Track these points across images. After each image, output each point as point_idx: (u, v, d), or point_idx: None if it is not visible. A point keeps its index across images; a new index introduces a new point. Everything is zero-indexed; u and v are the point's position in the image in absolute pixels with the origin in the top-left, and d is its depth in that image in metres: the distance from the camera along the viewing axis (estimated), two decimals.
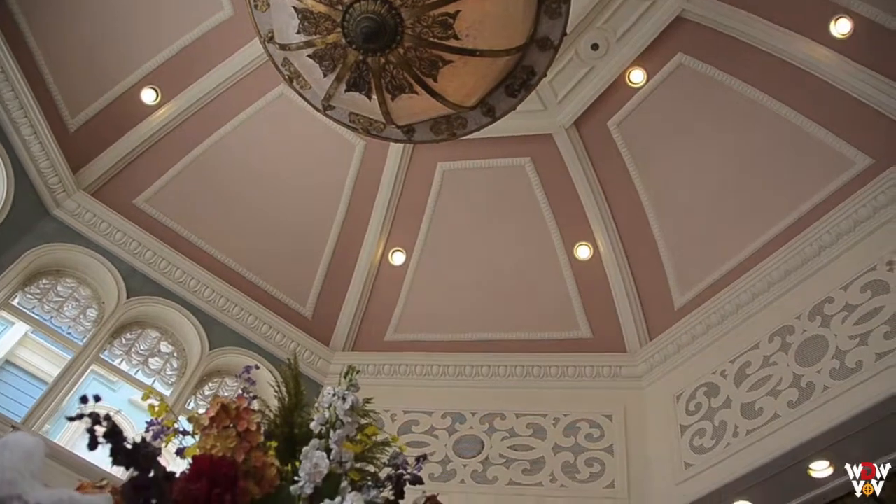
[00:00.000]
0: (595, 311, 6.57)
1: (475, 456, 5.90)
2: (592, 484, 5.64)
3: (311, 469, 1.38)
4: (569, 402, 6.12)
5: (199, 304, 6.34)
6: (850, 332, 4.98)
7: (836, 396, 4.81)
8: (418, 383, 6.47)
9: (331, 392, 1.49)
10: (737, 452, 5.15)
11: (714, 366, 5.73)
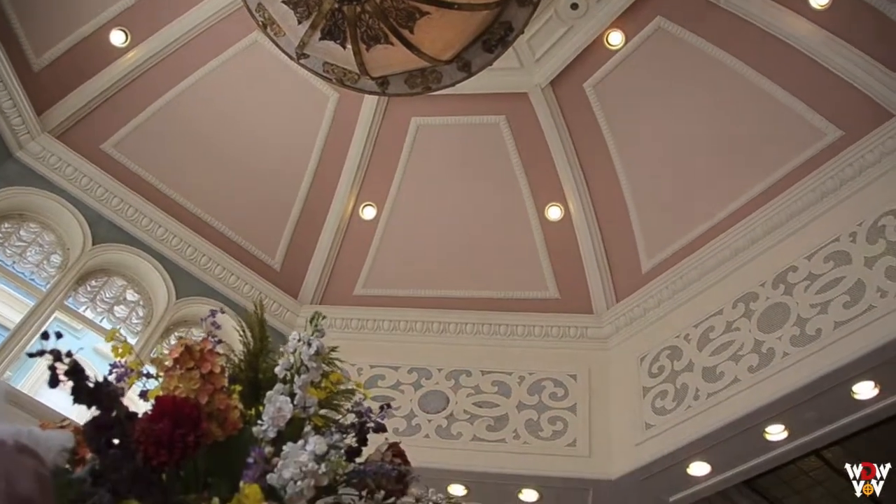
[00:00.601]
0: (563, 273, 6.61)
1: (440, 411, 5.95)
2: (555, 442, 5.72)
3: (275, 413, 1.38)
4: (534, 361, 6.18)
5: (166, 253, 6.25)
6: (812, 301, 5.07)
7: (795, 363, 4.92)
8: (385, 338, 6.48)
9: (296, 337, 1.48)
10: (696, 415, 5.26)
11: (678, 329, 5.82)
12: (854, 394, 4.89)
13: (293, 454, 1.24)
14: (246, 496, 1.16)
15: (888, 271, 4.75)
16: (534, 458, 5.66)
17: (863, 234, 5.06)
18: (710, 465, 5.45)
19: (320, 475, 1.22)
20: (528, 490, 5.81)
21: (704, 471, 5.49)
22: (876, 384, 4.82)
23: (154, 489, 1.25)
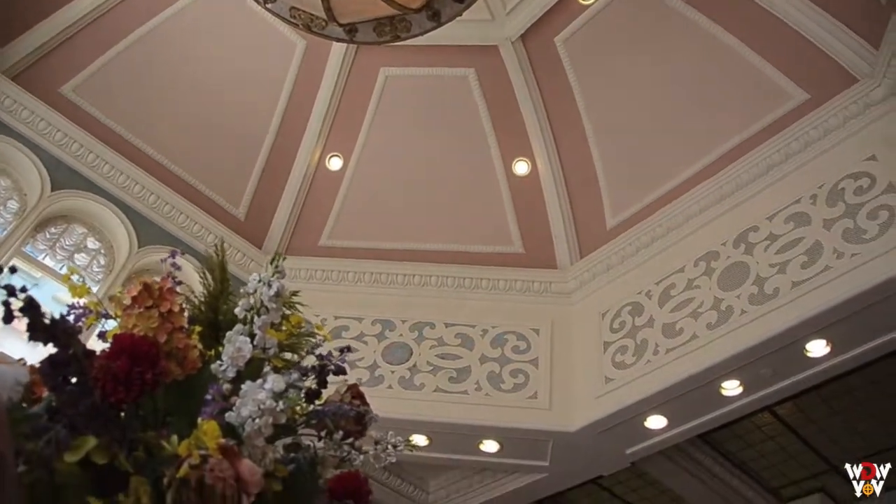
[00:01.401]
0: (529, 227, 6.64)
1: (403, 363, 5.99)
2: (516, 394, 5.80)
3: (234, 353, 1.37)
4: (498, 315, 6.23)
5: (128, 201, 6.13)
6: (771, 261, 5.16)
7: (752, 320, 5.03)
8: (350, 290, 6.48)
9: (256, 278, 1.47)
10: (655, 369, 5.37)
11: (640, 286, 5.90)
12: (807, 351, 5.02)
13: (251, 392, 1.24)
14: (204, 432, 1.17)
15: (845, 233, 4.85)
16: (495, 410, 5.75)
17: (823, 196, 5.15)
18: (667, 419, 5.58)
19: (278, 413, 1.22)
20: (489, 441, 5.91)
21: (661, 424, 5.62)
22: (828, 342, 4.96)
23: (112, 426, 1.25)
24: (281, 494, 1.33)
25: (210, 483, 1.14)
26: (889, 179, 4.81)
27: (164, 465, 1.21)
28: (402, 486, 7.11)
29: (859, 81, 5.25)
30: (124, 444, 1.24)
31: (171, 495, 1.15)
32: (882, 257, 4.58)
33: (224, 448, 1.17)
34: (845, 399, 6.47)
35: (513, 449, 5.94)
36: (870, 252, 4.66)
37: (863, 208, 4.86)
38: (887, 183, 4.81)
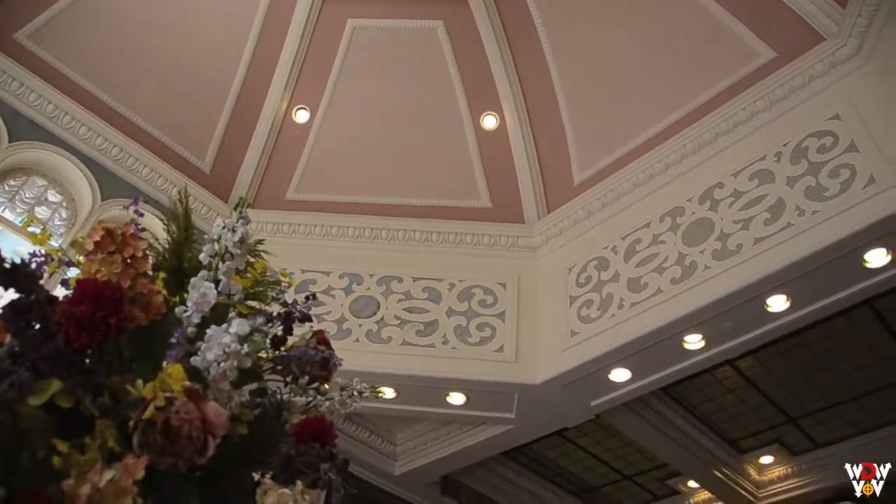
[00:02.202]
0: (496, 182, 6.64)
1: (371, 316, 6.00)
2: (482, 347, 5.86)
3: (199, 299, 1.37)
4: (465, 269, 6.26)
5: (89, 153, 5.98)
6: (735, 217, 5.23)
7: (715, 276, 5.10)
8: (317, 243, 6.45)
9: (220, 224, 1.46)
10: (620, 323, 5.44)
11: (606, 241, 5.95)
12: (767, 306, 5.12)
13: (216, 336, 1.24)
14: (169, 375, 1.17)
15: (807, 191, 4.92)
16: (462, 363, 5.80)
17: (787, 154, 5.20)
18: (631, 372, 5.68)
19: (243, 356, 1.23)
20: (455, 393, 5.98)
21: (625, 377, 5.72)
22: (788, 298, 5.06)
23: (76, 370, 1.25)
24: (247, 438, 1.34)
25: (176, 425, 1.15)
26: (851, 138, 4.88)
27: (130, 409, 1.21)
28: (369, 439, 7.18)
29: (826, 40, 5.28)
30: (89, 388, 1.24)
31: (138, 437, 1.16)
32: (842, 215, 4.66)
33: (189, 390, 1.17)
34: (803, 353, 6.64)
35: (479, 401, 6.02)
36: (830, 209, 4.73)
37: (825, 167, 4.92)
38: (850, 142, 4.88)
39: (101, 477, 1.05)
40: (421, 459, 7.15)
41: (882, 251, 4.70)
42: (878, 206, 4.51)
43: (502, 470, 8.30)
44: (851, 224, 4.58)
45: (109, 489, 1.04)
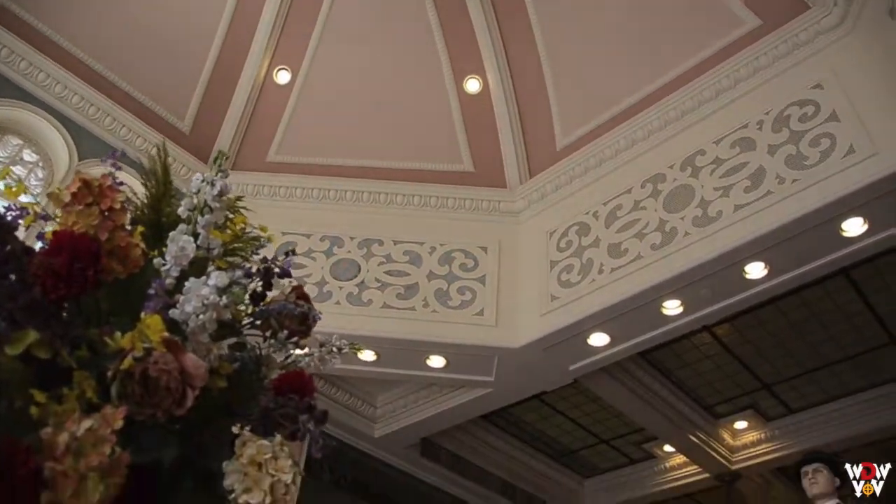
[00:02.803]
0: (479, 146, 6.61)
1: (351, 279, 6.00)
2: (463, 311, 5.88)
3: (177, 252, 1.36)
4: (446, 233, 6.26)
5: (66, 112, 5.84)
6: (716, 184, 5.25)
7: (695, 242, 5.14)
8: (298, 206, 6.41)
9: (199, 178, 1.45)
10: (599, 288, 5.48)
11: (588, 206, 5.96)
12: (745, 273, 5.16)
13: (195, 288, 1.24)
14: (147, 326, 1.17)
15: (788, 160, 4.94)
16: (442, 326, 5.83)
17: (769, 122, 5.21)
18: (610, 337, 5.73)
19: (222, 308, 1.23)
20: (435, 357, 6.01)
21: (604, 341, 5.78)
22: (766, 265, 5.10)
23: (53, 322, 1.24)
24: (226, 391, 1.34)
25: (154, 376, 1.15)
26: (833, 108, 4.89)
27: (108, 361, 1.21)
28: (350, 401, 7.23)
29: (811, 9, 5.27)
30: (66, 340, 1.24)
31: (116, 388, 1.16)
32: (821, 183, 4.69)
33: (168, 342, 1.17)
34: (779, 321, 6.72)
35: (459, 364, 6.06)
36: (810, 178, 4.76)
37: (806, 135, 4.94)
38: (831, 111, 4.89)
39: (79, 426, 1.05)
40: (401, 422, 7.22)
41: (859, 220, 4.75)
42: (856, 175, 4.55)
43: (481, 433, 8.39)
44: (830, 193, 4.62)
45: (87, 438, 1.04)
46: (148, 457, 1.19)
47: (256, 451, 1.22)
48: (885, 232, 4.80)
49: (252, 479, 1.20)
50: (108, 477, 1.04)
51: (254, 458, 1.21)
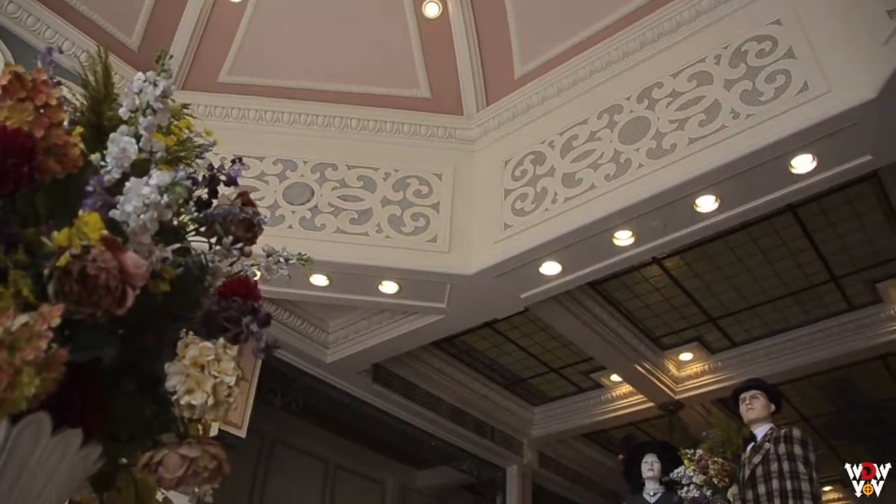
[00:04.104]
0: (436, 72, 6.50)
1: (304, 203, 5.93)
2: (416, 237, 5.87)
3: (119, 154, 1.32)
4: (401, 159, 6.19)
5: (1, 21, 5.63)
6: (671, 117, 5.26)
7: (648, 174, 5.17)
8: (250, 128, 6.24)
9: (141, 77, 1.40)
10: (552, 217, 5.50)
11: (543, 136, 5.94)
12: (696, 206, 5.23)
13: (136, 188, 1.20)
14: (85, 224, 1.14)
15: (743, 95, 4.95)
16: (395, 252, 5.82)
17: (727, 56, 5.21)
18: (561, 266, 5.79)
19: (163, 208, 1.20)
20: (388, 282, 6.02)
21: (555, 270, 5.83)
22: (717, 199, 5.17)
23: None
24: (169, 295, 1.32)
25: (93, 274, 1.12)
26: (790, 44, 4.89)
27: (45, 261, 1.18)
28: (302, 327, 7.25)
29: None
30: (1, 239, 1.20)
31: (53, 286, 1.13)
32: (774, 119, 4.73)
33: (107, 240, 1.14)
34: (727, 256, 6.87)
35: (411, 290, 6.09)
36: (764, 114, 4.79)
37: (763, 71, 4.95)
38: (787, 48, 4.90)
39: (13, 321, 1.03)
40: (353, 348, 7.27)
41: (808, 157, 4.81)
42: (808, 112, 4.59)
43: (433, 360, 8.52)
44: (782, 129, 4.66)
45: (23, 333, 1.02)
46: (87, 356, 1.17)
47: (199, 352, 1.21)
48: (833, 170, 4.88)
49: (194, 380, 1.19)
50: (45, 371, 1.03)
51: (196, 359, 1.20)
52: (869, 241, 6.68)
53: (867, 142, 4.64)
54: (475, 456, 9.51)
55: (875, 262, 6.96)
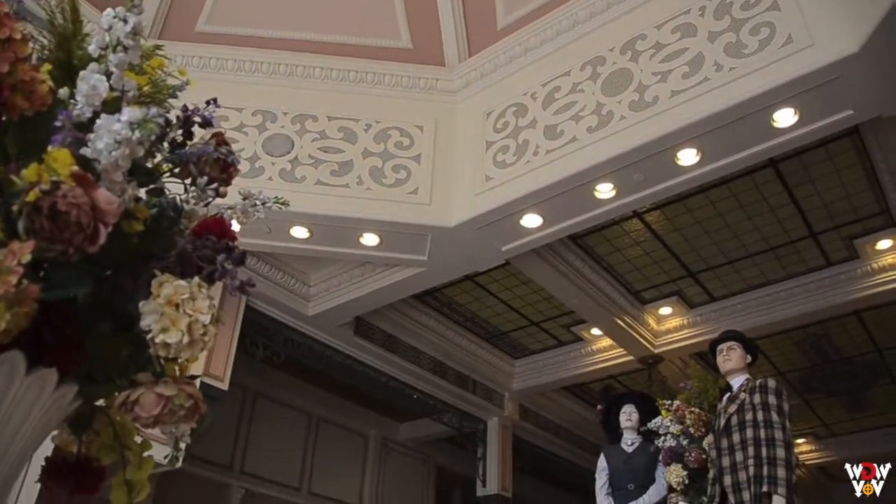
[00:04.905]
0: (418, 23, 6.38)
1: (284, 155, 5.86)
2: (397, 189, 5.84)
3: (89, 91, 1.29)
4: (382, 110, 6.12)
5: None
6: (654, 69, 5.23)
7: (630, 126, 5.16)
8: (229, 78, 6.12)
9: (111, 14, 1.36)
10: (534, 169, 5.50)
11: (526, 87, 5.89)
12: (678, 160, 5.23)
13: (107, 124, 1.18)
14: (54, 159, 1.11)
15: (727, 47, 4.93)
16: (376, 204, 5.79)
17: (711, 9, 5.16)
18: (542, 218, 5.79)
19: (135, 144, 1.18)
20: (369, 234, 6.00)
21: (536, 223, 5.84)
22: (698, 152, 5.17)
23: None
24: (143, 235, 1.31)
25: (63, 210, 1.10)
26: None
27: (15, 199, 1.16)
28: (283, 280, 7.24)
29: None
30: None
31: (23, 223, 1.11)
32: (757, 72, 4.72)
33: (77, 175, 1.12)
34: (707, 210, 6.90)
35: (392, 243, 6.08)
36: (747, 67, 4.78)
37: (747, 24, 4.92)
38: (772, 0, 4.87)
39: None
40: (334, 300, 7.27)
41: (790, 111, 4.82)
42: (791, 65, 4.58)
43: (415, 313, 8.55)
44: (765, 82, 4.66)
45: None
46: (60, 294, 1.16)
47: (173, 291, 1.20)
48: (814, 124, 4.89)
49: (169, 318, 1.18)
50: (16, 306, 1.02)
51: (171, 298, 1.19)
52: (848, 198, 6.73)
53: (849, 96, 4.65)
54: (456, 409, 9.62)
55: (853, 218, 7.01)
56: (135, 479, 1.47)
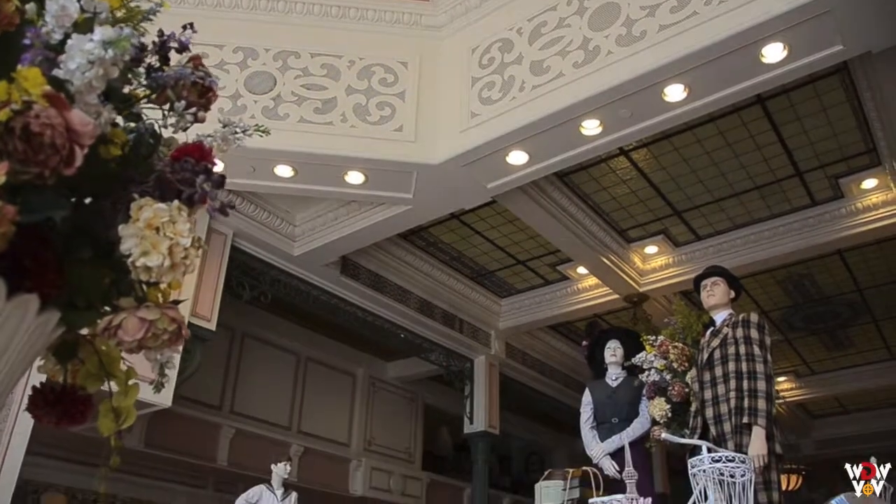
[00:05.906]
0: None
1: (267, 92, 5.76)
2: (381, 126, 5.77)
3: (59, 12, 1.25)
4: (366, 47, 6.00)
5: None
6: (642, 3, 5.14)
7: (617, 61, 5.10)
8: (209, 14, 5.91)
9: None
10: (520, 105, 5.44)
11: (511, 23, 5.78)
12: (665, 95, 5.20)
13: (79, 44, 1.15)
14: (25, 79, 1.08)
15: None
16: (361, 142, 5.73)
17: None
18: (528, 155, 5.77)
19: (109, 64, 1.14)
20: (353, 172, 5.96)
21: (522, 160, 5.81)
22: (686, 88, 5.13)
23: None
24: (121, 160, 1.29)
25: (37, 131, 1.08)
26: None
27: None
28: (268, 219, 7.21)
29: None
30: None
31: None
32: (747, 6, 4.65)
33: (50, 96, 1.09)
34: (694, 148, 6.87)
35: (377, 181, 6.05)
36: (736, 0, 4.71)
37: None
38: None
39: None
40: (320, 240, 7.26)
41: (779, 46, 4.77)
42: None
43: (401, 252, 8.55)
44: (754, 15, 4.60)
45: None
46: (38, 217, 1.14)
47: (153, 214, 1.18)
48: (803, 59, 4.86)
49: (149, 242, 1.17)
50: None
51: (150, 221, 1.18)
52: (835, 136, 6.71)
53: (839, 30, 4.60)
54: (444, 347, 9.70)
55: (839, 157, 7.01)
56: (121, 406, 1.47)
